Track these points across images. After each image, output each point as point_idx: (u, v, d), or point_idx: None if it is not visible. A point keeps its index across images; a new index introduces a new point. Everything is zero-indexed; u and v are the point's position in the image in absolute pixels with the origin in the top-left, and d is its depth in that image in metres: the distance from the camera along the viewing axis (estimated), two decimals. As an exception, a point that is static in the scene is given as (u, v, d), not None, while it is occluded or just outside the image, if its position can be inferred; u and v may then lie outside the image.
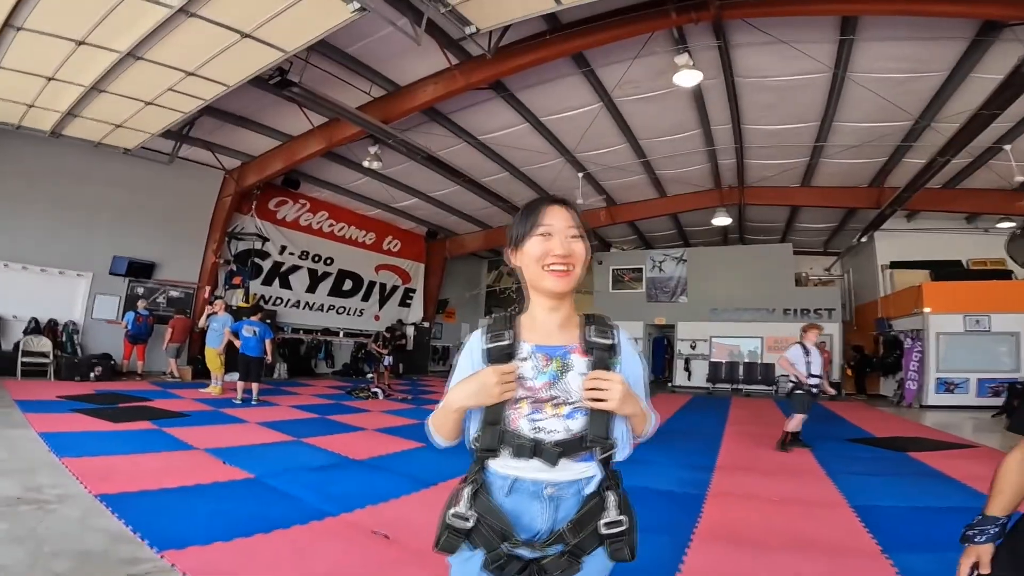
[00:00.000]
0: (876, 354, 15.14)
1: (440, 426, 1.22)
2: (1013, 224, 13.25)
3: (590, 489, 1.18)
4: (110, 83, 7.32)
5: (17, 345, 9.64)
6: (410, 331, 18.19)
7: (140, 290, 11.58)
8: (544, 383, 1.16)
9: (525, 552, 1.14)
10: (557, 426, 1.16)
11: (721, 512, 3.94)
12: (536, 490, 1.15)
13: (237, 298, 12.87)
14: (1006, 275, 13.27)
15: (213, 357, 9.63)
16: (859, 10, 6.83)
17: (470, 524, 1.14)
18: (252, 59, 6.74)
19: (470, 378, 1.17)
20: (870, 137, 10.37)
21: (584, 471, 1.17)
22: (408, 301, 18.98)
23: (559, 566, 1.13)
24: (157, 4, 5.65)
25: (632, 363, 1.24)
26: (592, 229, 16.58)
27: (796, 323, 16.76)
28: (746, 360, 16.99)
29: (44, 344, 9.93)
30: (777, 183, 13.14)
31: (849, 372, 15.70)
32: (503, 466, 1.17)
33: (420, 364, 18.58)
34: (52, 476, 3.90)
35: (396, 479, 4.51)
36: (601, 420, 1.15)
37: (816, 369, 6.35)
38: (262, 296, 14.01)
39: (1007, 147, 9.63)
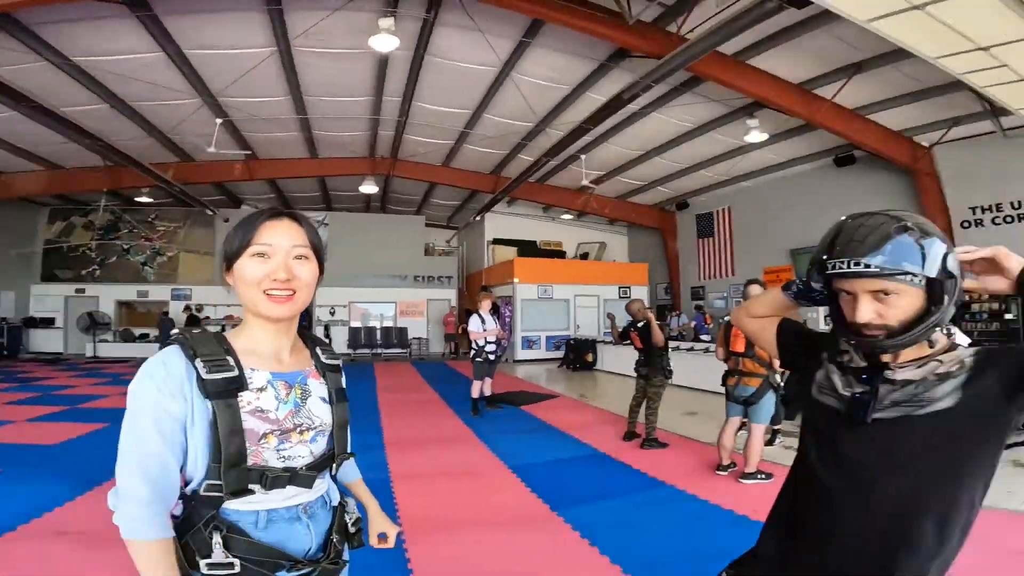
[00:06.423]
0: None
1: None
2: (571, 216, 18.20)
3: (335, 500, 1.24)
4: None
5: None
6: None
7: None
8: (288, 412, 1.10)
9: (305, 570, 1.12)
10: (303, 451, 1.12)
11: (413, 497, 4.11)
12: (292, 515, 1.11)
13: None
14: (562, 255, 18.42)
15: None
16: (539, 13, 7.32)
17: (237, 570, 1.02)
18: None
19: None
20: (503, 132, 11.94)
21: (322, 486, 1.19)
22: None
23: (334, 572, 1.17)
24: None
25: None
26: (221, 183, 14.69)
27: (424, 289, 18.97)
28: (381, 325, 18.08)
29: None
30: (425, 160, 14.12)
31: (462, 332, 18.75)
32: (245, 503, 1.06)
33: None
34: None
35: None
36: (343, 436, 1.21)
37: (492, 336, 7.18)
38: None
39: (583, 156, 12.69)
